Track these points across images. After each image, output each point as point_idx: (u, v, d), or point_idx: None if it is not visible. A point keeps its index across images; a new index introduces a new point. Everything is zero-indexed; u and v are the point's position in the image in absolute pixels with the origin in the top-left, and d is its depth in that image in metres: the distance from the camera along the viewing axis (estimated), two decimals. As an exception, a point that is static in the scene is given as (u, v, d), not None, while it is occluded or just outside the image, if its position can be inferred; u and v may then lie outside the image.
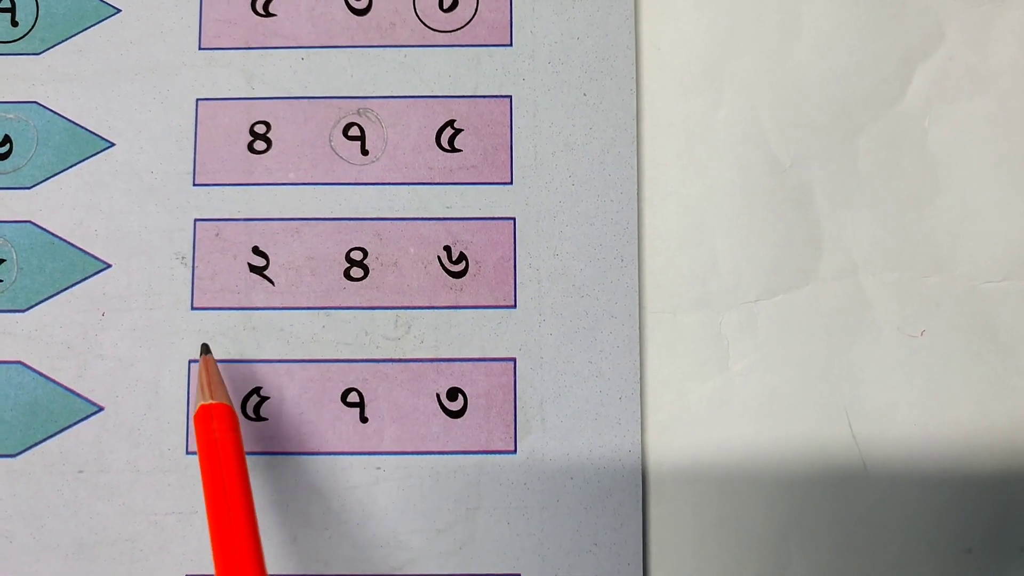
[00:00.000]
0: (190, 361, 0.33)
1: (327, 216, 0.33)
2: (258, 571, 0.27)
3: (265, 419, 0.33)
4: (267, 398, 0.33)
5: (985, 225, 0.34)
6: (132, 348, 0.33)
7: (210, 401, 0.29)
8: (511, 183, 0.34)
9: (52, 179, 0.33)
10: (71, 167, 0.34)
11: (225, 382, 0.32)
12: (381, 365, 0.33)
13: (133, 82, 0.34)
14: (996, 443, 0.33)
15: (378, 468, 0.32)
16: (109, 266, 0.33)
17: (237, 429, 0.29)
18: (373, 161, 0.34)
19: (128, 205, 0.33)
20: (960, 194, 0.34)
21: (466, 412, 0.33)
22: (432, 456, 0.32)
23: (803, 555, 0.32)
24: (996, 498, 0.33)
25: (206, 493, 0.28)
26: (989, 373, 0.33)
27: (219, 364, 0.33)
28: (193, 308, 0.33)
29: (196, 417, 0.29)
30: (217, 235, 0.33)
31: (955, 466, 0.33)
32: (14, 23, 0.34)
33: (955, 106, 0.34)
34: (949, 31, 0.34)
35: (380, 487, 0.32)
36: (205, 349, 0.32)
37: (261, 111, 0.34)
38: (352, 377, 0.33)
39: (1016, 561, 0.32)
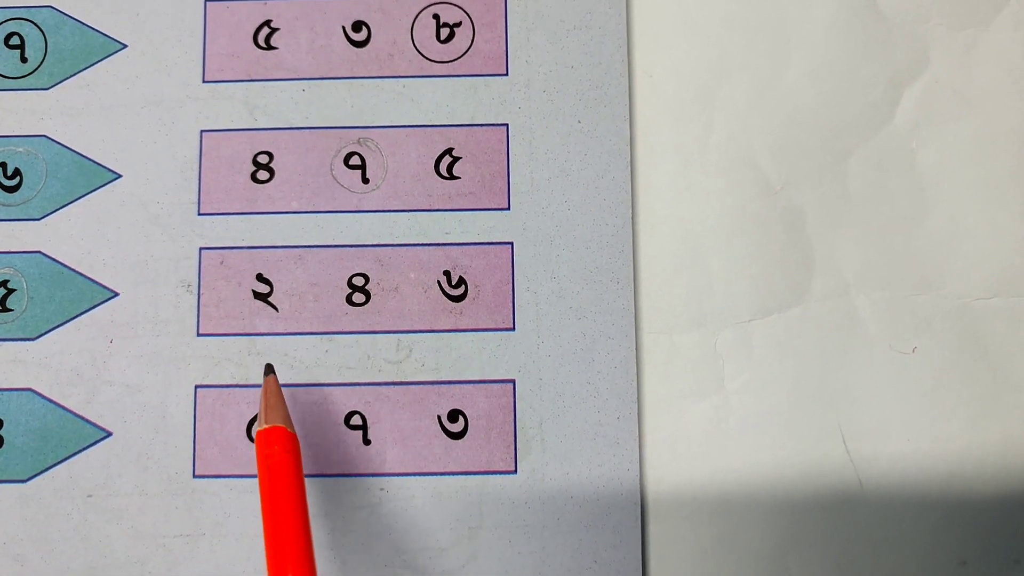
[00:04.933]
0: (196, 386, 0.33)
1: (329, 243, 0.34)
2: None
3: (270, 442, 0.33)
4: (272, 422, 0.33)
5: (974, 243, 0.34)
6: (139, 374, 0.33)
7: (266, 426, 0.29)
8: (508, 209, 0.34)
9: (61, 210, 0.34)
10: (79, 198, 0.34)
11: (231, 406, 0.32)
12: (383, 388, 0.33)
13: (139, 115, 0.35)
14: (989, 457, 0.33)
15: (381, 489, 0.33)
16: (117, 294, 0.34)
17: (295, 452, 0.29)
18: (373, 189, 0.34)
19: (135, 235, 0.34)
20: (948, 213, 0.34)
21: (467, 433, 0.33)
22: (434, 477, 0.33)
23: (801, 572, 0.32)
24: (990, 511, 0.33)
25: (264, 517, 0.28)
26: (980, 389, 0.33)
27: (223, 389, 0.33)
28: (199, 334, 0.34)
29: (257, 439, 0.29)
30: (222, 263, 0.34)
31: (949, 481, 0.33)
32: (23, 60, 0.35)
33: (942, 128, 0.35)
34: (934, 55, 0.35)
35: (384, 508, 0.33)
36: (268, 370, 0.32)
37: (264, 142, 0.35)
38: (355, 400, 0.33)
39: (1010, 573, 0.32)
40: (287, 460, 0.29)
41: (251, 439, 0.33)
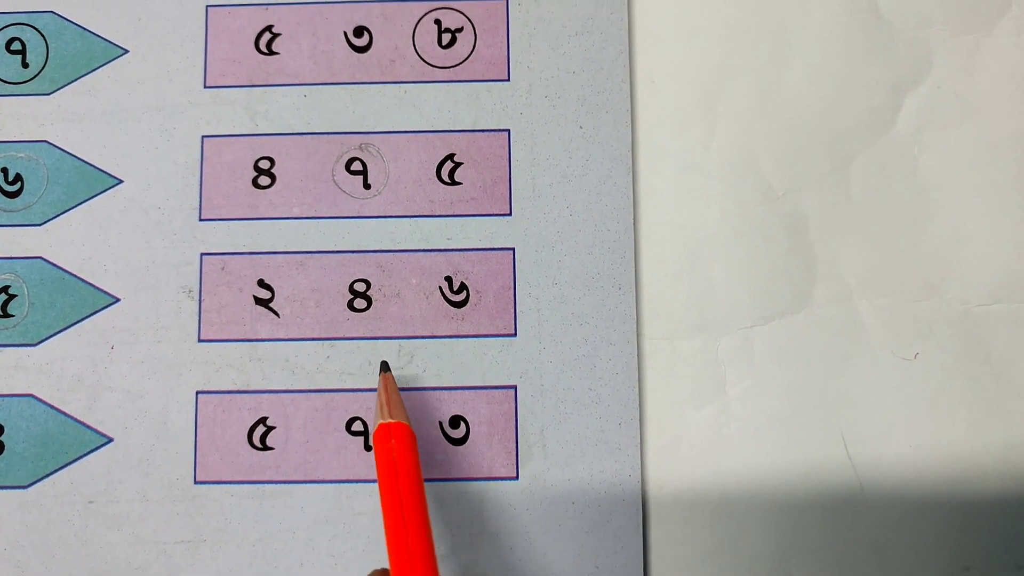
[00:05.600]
0: (197, 392, 0.33)
1: (331, 249, 0.34)
2: None
3: (271, 448, 0.33)
4: (273, 428, 0.33)
5: (976, 249, 0.34)
6: (141, 380, 0.33)
7: (389, 420, 0.29)
8: (510, 214, 0.34)
9: (62, 216, 0.34)
10: (80, 204, 0.34)
11: (232, 412, 0.32)
12: (385, 394, 0.33)
13: (140, 120, 0.35)
14: (991, 463, 0.33)
15: (383, 495, 0.33)
16: (118, 300, 0.34)
17: (415, 448, 0.29)
18: (375, 195, 0.34)
19: (136, 240, 0.34)
20: (951, 219, 0.34)
21: (468, 439, 0.33)
22: (435, 483, 0.33)
23: (803, 577, 0.33)
24: (992, 517, 0.33)
25: (384, 511, 0.28)
26: (982, 394, 0.33)
27: (224, 395, 0.33)
28: (200, 340, 0.34)
29: (376, 435, 0.29)
30: (223, 269, 0.34)
31: (951, 486, 0.33)
32: (25, 65, 0.35)
33: (944, 133, 0.35)
34: (937, 60, 0.35)
35: (385, 514, 0.33)
36: (384, 367, 0.32)
37: (265, 147, 0.35)
38: (356, 406, 0.33)
39: (1013, 580, 0.33)
40: (403, 457, 0.29)
41: (252, 445, 0.33)
